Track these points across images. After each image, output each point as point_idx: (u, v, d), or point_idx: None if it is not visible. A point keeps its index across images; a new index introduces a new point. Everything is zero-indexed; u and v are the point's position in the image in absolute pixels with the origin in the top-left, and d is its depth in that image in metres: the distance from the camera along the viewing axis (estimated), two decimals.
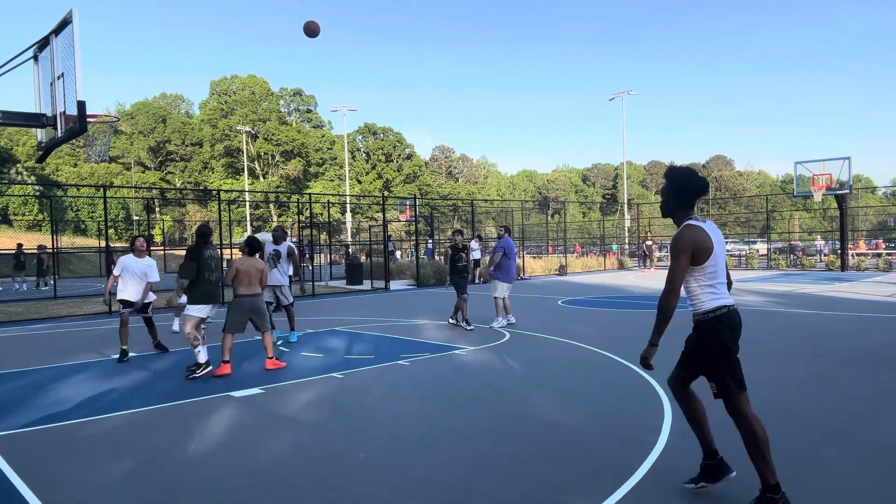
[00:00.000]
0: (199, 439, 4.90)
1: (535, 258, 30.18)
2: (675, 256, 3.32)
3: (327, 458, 4.45)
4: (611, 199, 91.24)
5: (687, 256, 3.28)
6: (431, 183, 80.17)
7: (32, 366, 8.18)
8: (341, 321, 12.23)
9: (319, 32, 7.36)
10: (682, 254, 3.28)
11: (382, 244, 22.90)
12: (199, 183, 68.62)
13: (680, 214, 3.47)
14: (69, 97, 6.59)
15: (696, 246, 3.29)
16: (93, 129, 9.06)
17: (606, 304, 14.29)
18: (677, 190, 3.45)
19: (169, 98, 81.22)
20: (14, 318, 13.52)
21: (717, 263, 3.35)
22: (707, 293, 3.36)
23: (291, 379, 7.03)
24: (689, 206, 3.46)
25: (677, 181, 3.45)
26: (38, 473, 4.21)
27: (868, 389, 6.04)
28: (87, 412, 5.77)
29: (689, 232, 3.32)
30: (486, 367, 7.56)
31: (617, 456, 4.34)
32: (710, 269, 3.33)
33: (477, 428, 5.05)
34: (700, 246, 3.29)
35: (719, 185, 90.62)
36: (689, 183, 3.43)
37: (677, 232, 3.40)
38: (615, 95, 45.90)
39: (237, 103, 68.13)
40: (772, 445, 3.42)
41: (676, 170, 3.50)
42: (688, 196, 3.43)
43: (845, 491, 3.69)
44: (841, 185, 25.10)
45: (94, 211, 53.96)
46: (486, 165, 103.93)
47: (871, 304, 13.36)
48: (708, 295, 3.36)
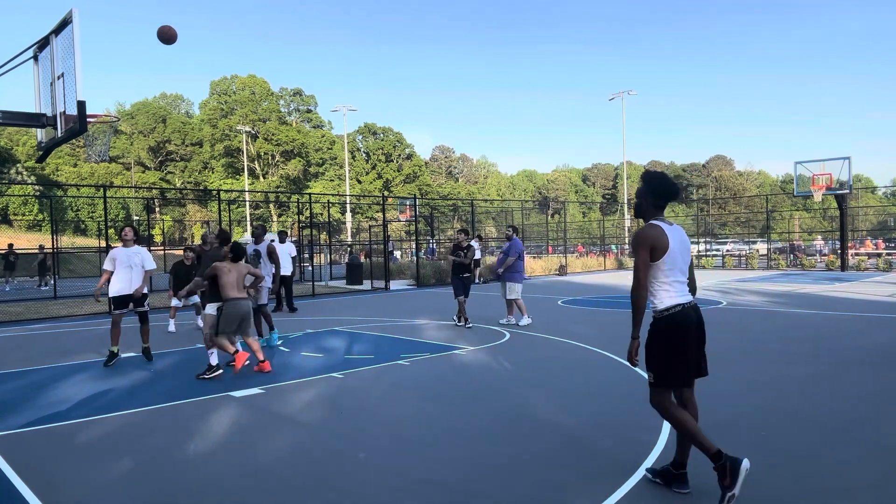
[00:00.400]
0: (199, 439, 4.90)
1: (535, 258, 30.18)
2: (635, 252, 3.57)
3: (327, 458, 4.45)
4: (611, 199, 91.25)
5: (646, 251, 3.50)
6: (431, 183, 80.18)
7: (32, 366, 8.18)
8: (341, 321, 12.23)
9: (176, 38, 7.05)
10: (641, 249, 3.52)
11: (382, 244, 22.91)
12: (199, 183, 68.64)
13: (650, 215, 3.66)
14: (69, 97, 6.59)
15: (654, 242, 3.50)
16: (93, 129, 9.05)
17: (606, 304, 14.29)
18: (651, 191, 3.64)
19: (169, 98, 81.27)
20: (14, 318, 13.52)
21: (673, 261, 3.54)
22: (663, 291, 3.56)
23: (291, 379, 7.03)
24: (660, 209, 3.67)
25: (652, 183, 3.65)
26: (38, 473, 4.21)
27: (868, 389, 6.04)
28: (87, 412, 5.77)
29: (648, 229, 3.55)
30: (486, 367, 7.56)
31: (617, 456, 4.34)
32: (665, 265, 3.53)
33: (477, 428, 5.05)
34: (657, 243, 3.50)
35: (719, 185, 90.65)
36: (662, 186, 3.63)
37: (638, 230, 3.64)
38: (615, 95, 45.95)
39: (237, 103, 68.14)
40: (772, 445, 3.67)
41: (652, 173, 3.69)
42: (661, 198, 3.64)
43: (845, 491, 3.69)
44: (841, 185, 25.10)
45: (94, 211, 53.99)
46: (486, 165, 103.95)
47: (871, 304, 13.36)
48: (664, 293, 3.55)
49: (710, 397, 5.90)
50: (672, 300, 3.53)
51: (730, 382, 6.43)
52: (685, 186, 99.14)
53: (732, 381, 6.46)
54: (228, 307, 7.19)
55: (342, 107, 51.11)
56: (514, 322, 11.04)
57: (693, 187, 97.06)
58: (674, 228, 3.60)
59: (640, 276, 3.50)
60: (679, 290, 3.56)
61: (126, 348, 8.94)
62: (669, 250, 3.51)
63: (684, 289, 3.60)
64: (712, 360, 8.16)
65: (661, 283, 3.55)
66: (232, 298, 7.20)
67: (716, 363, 7.38)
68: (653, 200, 3.64)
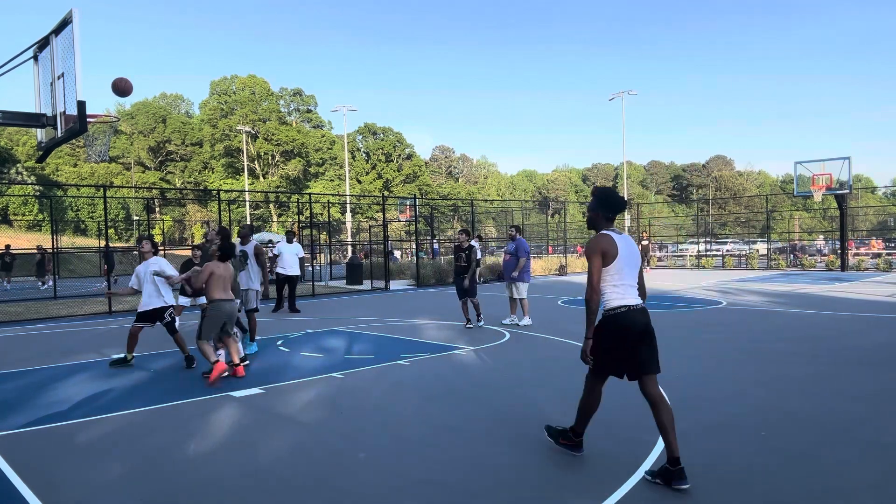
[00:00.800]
0: (199, 439, 4.90)
1: (536, 258, 30.18)
2: (589, 259, 3.91)
3: (327, 458, 4.45)
4: None
5: (598, 258, 3.87)
6: (431, 183, 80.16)
7: (32, 366, 8.18)
8: (341, 321, 12.22)
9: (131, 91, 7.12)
10: (594, 256, 3.89)
11: (383, 244, 22.91)
12: (199, 183, 68.62)
13: (602, 226, 4.05)
14: (69, 97, 6.58)
15: (605, 249, 3.87)
16: (93, 129, 9.04)
17: None
18: (602, 205, 4.03)
19: (169, 98, 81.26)
20: (14, 318, 13.52)
21: (622, 267, 3.89)
22: (612, 292, 3.90)
23: (291, 379, 7.03)
24: (611, 220, 4.05)
25: (603, 198, 4.06)
26: (38, 473, 4.21)
27: (868, 389, 6.04)
28: (87, 412, 5.77)
29: (599, 238, 3.94)
30: (486, 367, 7.56)
31: (617, 456, 4.34)
32: (614, 270, 3.89)
33: (477, 428, 5.05)
34: (608, 250, 3.87)
35: (719, 185, 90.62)
36: (612, 200, 4.04)
37: (591, 239, 4.00)
38: (615, 95, 45.89)
39: (237, 103, 68.13)
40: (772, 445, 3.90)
41: (602, 189, 4.12)
42: (610, 211, 4.03)
43: (845, 491, 3.69)
44: (841, 185, 25.09)
45: (94, 211, 53.97)
46: (486, 165, 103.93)
47: (871, 304, 13.36)
48: (613, 294, 3.90)
49: (711, 397, 5.90)
50: (619, 301, 3.88)
51: (730, 382, 6.43)
52: (685, 186, 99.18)
53: (732, 381, 6.46)
54: (213, 309, 7.03)
55: (342, 107, 51.02)
56: (517, 321, 11.04)
57: (693, 187, 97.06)
58: (623, 237, 3.96)
59: (594, 281, 3.85)
60: (626, 293, 3.90)
61: (126, 348, 8.93)
62: (619, 257, 3.87)
63: (632, 292, 3.93)
64: (712, 359, 8.15)
65: (612, 287, 3.90)
66: (217, 300, 7.04)
67: (716, 363, 7.42)
68: (604, 213, 4.03)
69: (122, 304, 15.84)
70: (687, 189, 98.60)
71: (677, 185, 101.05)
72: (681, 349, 8.15)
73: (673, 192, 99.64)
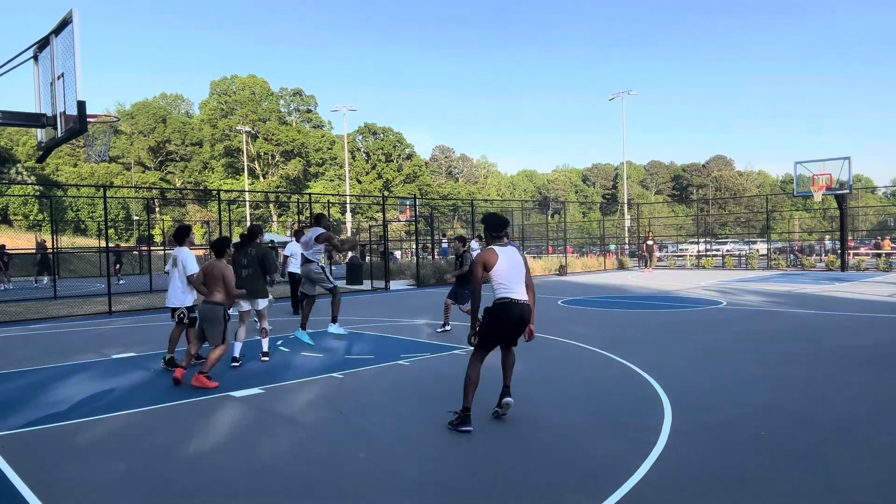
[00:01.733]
0: (199, 439, 4.90)
1: (536, 258, 30.18)
2: (471, 267, 5.20)
3: (327, 458, 4.45)
4: (611, 199, 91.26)
5: (479, 266, 5.05)
6: (431, 183, 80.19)
7: (32, 366, 8.17)
8: (341, 321, 12.18)
9: None
10: (477, 265, 5.07)
11: (383, 244, 22.91)
12: (199, 183, 68.62)
13: (490, 242, 5.23)
14: (69, 97, 6.57)
15: (486, 261, 5.05)
16: (93, 129, 9.05)
17: (606, 304, 14.29)
18: (487, 227, 5.26)
19: (169, 98, 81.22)
20: (14, 318, 13.52)
21: (502, 271, 5.04)
22: (498, 288, 5.08)
23: (291, 379, 7.03)
24: (497, 238, 5.20)
25: (486, 222, 5.28)
26: (38, 473, 4.21)
27: (868, 389, 6.04)
28: (87, 412, 5.77)
29: (485, 251, 5.15)
30: (485, 367, 7.52)
31: (617, 456, 4.34)
32: (496, 274, 5.05)
33: (477, 428, 5.05)
34: (487, 261, 5.05)
35: (719, 185, 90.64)
36: (494, 223, 5.22)
37: (479, 252, 5.26)
38: (615, 95, 45.95)
39: (237, 103, 68.15)
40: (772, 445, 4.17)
41: (486, 216, 5.34)
42: (493, 230, 5.22)
43: (845, 491, 3.69)
44: (841, 185, 25.07)
45: (94, 211, 53.90)
46: (486, 165, 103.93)
47: (871, 304, 13.36)
48: (499, 290, 5.07)
49: (711, 397, 5.91)
50: (502, 295, 5.04)
51: (730, 382, 6.43)
52: (685, 186, 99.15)
53: (732, 381, 6.47)
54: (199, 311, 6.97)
55: (342, 107, 51.14)
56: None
57: (693, 187, 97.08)
58: (506, 249, 5.13)
59: (475, 283, 5.07)
60: (507, 290, 5.04)
61: (126, 348, 8.94)
62: (498, 265, 5.03)
63: (513, 289, 5.04)
64: (712, 359, 8.15)
65: (498, 283, 5.06)
66: (204, 301, 6.90)
67: (716, 363, 7.42)
68: (489, 233, 5.23)
69: (122, 304, 15.84)
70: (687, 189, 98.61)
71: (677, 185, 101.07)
72: (680, 349, 8.14)
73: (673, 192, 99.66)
